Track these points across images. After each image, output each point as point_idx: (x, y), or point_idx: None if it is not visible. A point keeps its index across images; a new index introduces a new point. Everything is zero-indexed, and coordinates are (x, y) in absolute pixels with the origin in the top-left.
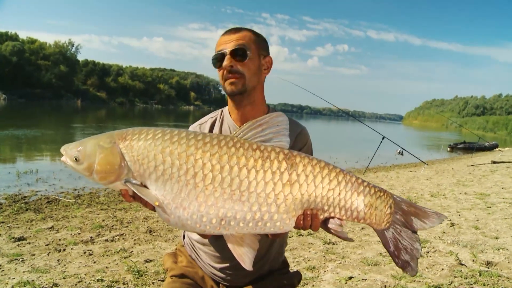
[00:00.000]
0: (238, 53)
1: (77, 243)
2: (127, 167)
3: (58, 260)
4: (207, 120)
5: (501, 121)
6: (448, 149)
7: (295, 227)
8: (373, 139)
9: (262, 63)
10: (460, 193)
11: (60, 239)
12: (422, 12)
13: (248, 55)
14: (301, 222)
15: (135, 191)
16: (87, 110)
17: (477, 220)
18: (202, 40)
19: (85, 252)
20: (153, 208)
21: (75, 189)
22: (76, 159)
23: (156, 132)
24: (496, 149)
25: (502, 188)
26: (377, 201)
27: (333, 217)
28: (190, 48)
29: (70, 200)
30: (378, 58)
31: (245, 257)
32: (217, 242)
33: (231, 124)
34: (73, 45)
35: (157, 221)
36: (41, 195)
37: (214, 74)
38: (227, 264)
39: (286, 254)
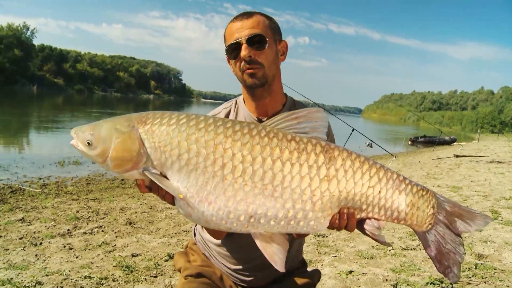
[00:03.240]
0: (256, 41)
1: (54, 236)
2: (147, 154)
3: (36, 255)
4: (220, 110)
5: (456, 117)
6: (409, 142)
7: (329, 227)
8: (338, 131)
9: (278, 48)
10: (433, 186)
11: (34, 232)
12: (381, 7)
13: (266, 42)
14: (337, 221)
15: (155, 181)
16: (44, 97)
17: None
18: (163, 28)
19: (64, 246)
20: (172, 202)
21: (40, 178)
22: (88, 143)
23: (180, 117)
24: (455, 143)
25: (472, 182)
26: (419, 201)
27: (370, 218)
28: (151, 36)
29: (36, 190)
30: (338, 51)
31: (276, 257)
32: (231, 244)
33: (247, 115)
34: (28, 29)
35: (136, 212)
36: (3, 184)
37: (175, 63)
38: (243, 266)
39: None
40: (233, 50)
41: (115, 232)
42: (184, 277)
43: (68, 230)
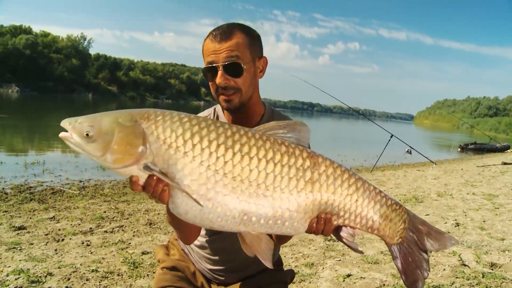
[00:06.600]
0: (232, 69)
1: (76, 234)
2: (150, 150)
3: (56, 250)
4: None
5: None
6: (459, 149)
7: (306, 231)
8: (382, 138)
9: (257, 66)
10: (467, 193)
11: (59, 229)
12: (433, 11)
13: (244, 69)
14: (314, 225)
15: (162, 177)
16: (98, 104)
17: (484, 221)
18: None
19: (83, 243)
20: (165, 201)
21: (81, 181)
22: (87, 134)
23: (181, 116)
24: (508, 150)
25: None
26: (392, 214)
27: (346, 225)
28: (201, 44)
29: (75, 192)
30: (389, 57)
31: (265, 255)
32: (209, 246)
33: None
34: (85, 39)
35: (158, 213)
36: (47, 186)
37: None
38: (219, 267)
39: (286, 250)
40: (208, 72)
41: (134, 232)
42: (161, 268)
43: (91, 228)
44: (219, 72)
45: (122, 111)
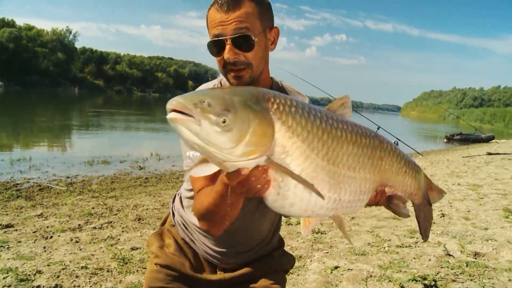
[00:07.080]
0: (242, 42)
1: (64, 231)
2: (274, 139)
3: (44, 248)
4: None
5: (498, 113)
6: (445, 140)
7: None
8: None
9: (268, 37)
10: (453, 184)
11: (48, 226)
12: (420, 3)
13: (254, 42)
14: (373, 198)
15: (286, 171)
16: (85, 98)
17: (468, 211)
18: (200, 29)
19: (71, 240)
20: (261, 194)
21: (68, 177)
22: (224, 121)
23: (287, 97)
24: (492, 141)
25: (496, 180)
26: (421, 180)
27: (393, 194)
28: (188, 37)
29: (62, 188)
30: (376, 49)
31: (347, 234)
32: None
33: None
34: (70, 33)
35: (147, 209)
36: (34, 182)
37: (213, 63)
38: (227, 250)
39: None
40: (215, 46)
41: (123, 228)
42: (154, 264)
43: (79, 225)
44: (227, 46)
45: (242, 90)
